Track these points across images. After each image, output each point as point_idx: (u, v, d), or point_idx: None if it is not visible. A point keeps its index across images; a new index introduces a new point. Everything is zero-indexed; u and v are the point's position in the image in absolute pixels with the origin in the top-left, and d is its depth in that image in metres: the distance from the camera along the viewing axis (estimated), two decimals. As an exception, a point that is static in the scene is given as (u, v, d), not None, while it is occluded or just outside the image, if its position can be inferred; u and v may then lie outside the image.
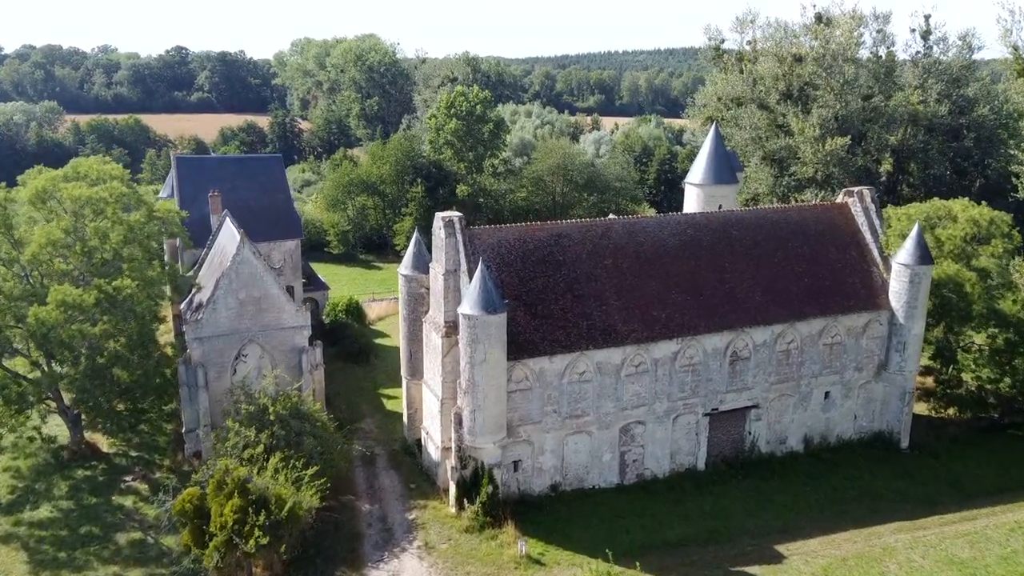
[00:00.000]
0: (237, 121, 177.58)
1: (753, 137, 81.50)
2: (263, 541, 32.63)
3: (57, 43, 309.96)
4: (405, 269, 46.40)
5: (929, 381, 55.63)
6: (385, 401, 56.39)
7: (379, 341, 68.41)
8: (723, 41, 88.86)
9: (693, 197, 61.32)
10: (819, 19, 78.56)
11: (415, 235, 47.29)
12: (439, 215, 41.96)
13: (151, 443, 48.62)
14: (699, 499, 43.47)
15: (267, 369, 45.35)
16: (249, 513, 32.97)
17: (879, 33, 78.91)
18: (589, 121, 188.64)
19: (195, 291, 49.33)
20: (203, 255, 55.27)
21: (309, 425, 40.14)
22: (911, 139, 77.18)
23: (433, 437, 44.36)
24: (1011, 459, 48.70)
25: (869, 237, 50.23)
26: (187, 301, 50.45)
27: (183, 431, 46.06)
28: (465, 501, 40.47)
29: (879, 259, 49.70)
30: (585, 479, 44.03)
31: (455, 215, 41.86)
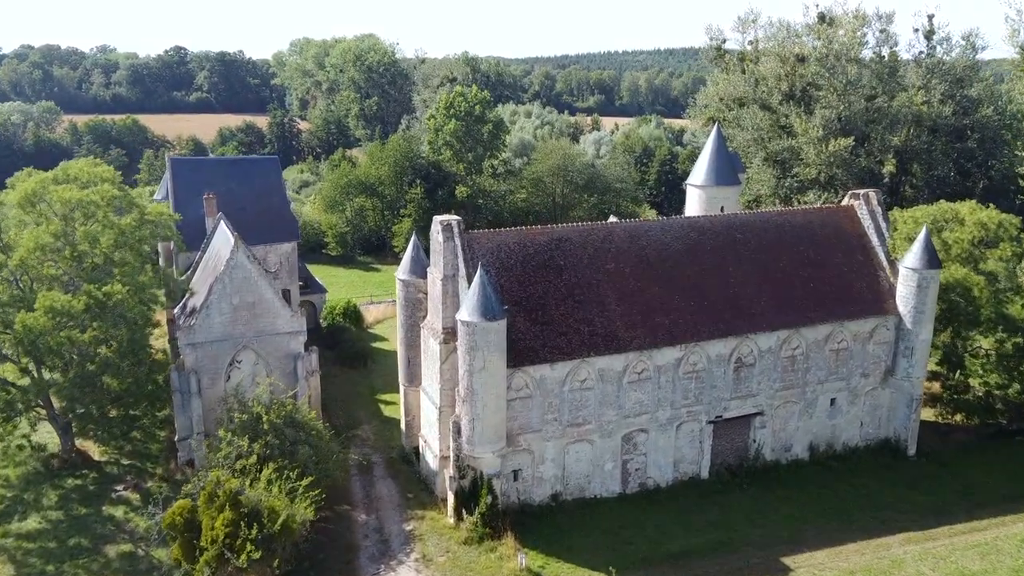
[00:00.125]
0: (236, 121, 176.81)
1: (755, 138, 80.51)
2: (255, 556, 31.80)
3: (55, 43, 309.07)
4: (403, 274, 45.44)
5: (936, 386, 54.76)
6: (382, 407, 55.46)
7: (377, 345, 67.50)
8: (724, 41, 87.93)
9: (695, 199, 60.36)
10: (822, 19, 77.60)
11: (413, 239, 46.31)
12: (437, 219, 41.01)
13: (143, 451, 47.79)
14: (703, 509, 42.57)
15: (262, 376, 44.58)
16: (241, 526, 32.11)
17: (882, 33, 78.01)
18: (589, 121, 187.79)
19: (189, 296, 48.39)
20: (197, 258, 54.29)
21: (304, 434, 39.32)
22: (914, 140, 76.37)
23: (431, 445, 43.42)
24: (1020, 467, 47.79)
25: (876, 240, 49.31)
26: (181, 306, 49.51)
27: (176, 439, 45.12)
28: (464, 512, 39.54)
29: (886, 263, 48.78)
30: (587, 488, 43.11)
31: (453, 219, 40.89)
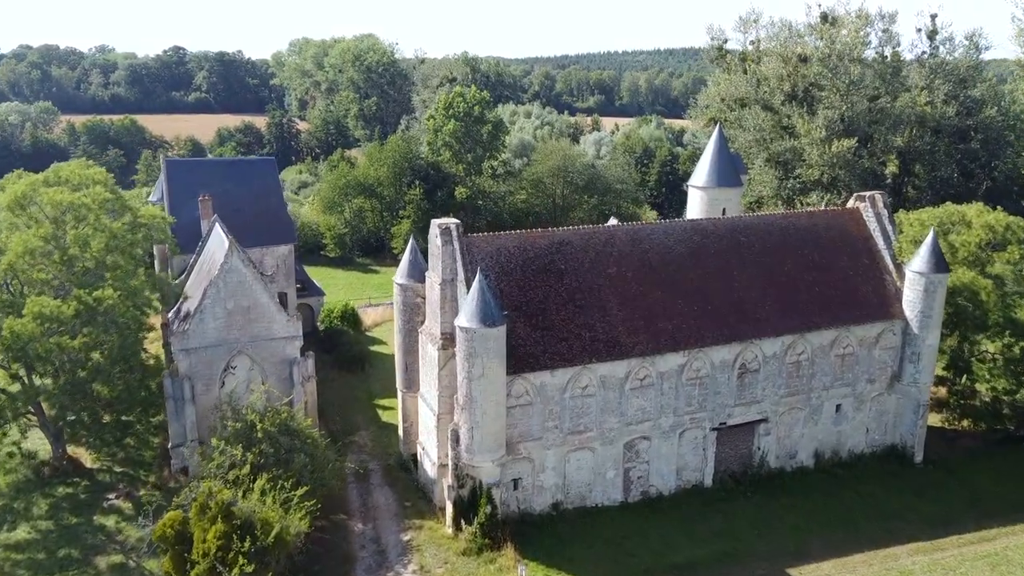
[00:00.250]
0: (234, 122, 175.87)
1: (757, 139, 79.68)
2: (248, 569, 30.96)
3: (54, 43, 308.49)
4: (400, 278, 44.58)
5: (942, 391, 53.91)
6: (380, 412, 54.60)
7: (375, 348, 66.61)
8: (726, 41, 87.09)
9: (696, 200, 59.49)
10: (824, 19, 76.81)
11: (411, 242, 45.43)
12: (435, 222, 40.16)
13: (137, 458, 46.89)
14: (707, 518, 41.73)
15: (257, 381, 43.74)
16: (234, 539, 31.28)
17: (885, 33, 77.30)
18: (589, 122, 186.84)
19: (183, 300, 47.54)
20: (192, 261, 53.41)
21: (299, 442, 38.45)
22: (917, 141, 75.57)
23: (429, 453, 42.57)
24: (1028, 474, 47.04)
25: (882, 243, 48.50)
26: (175, 310, 48.68)
27: (169, 446, 44.27)
28: (463, 522, 38.69)
29: (892, 266, 47.97)
30: (588, 497, 42.27)
31: (452, 222, 40.04)
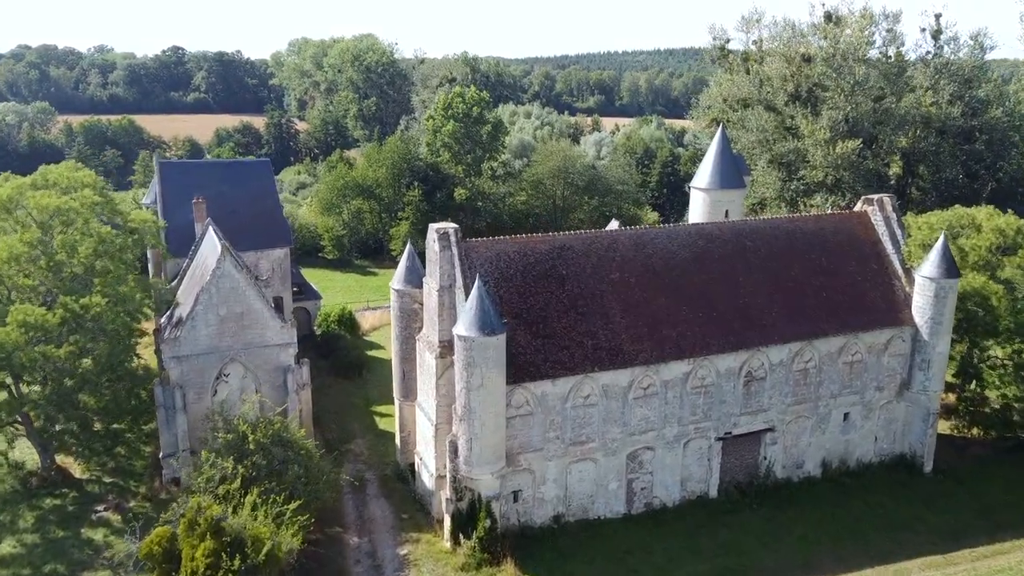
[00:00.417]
0: (233, 122, 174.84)
1: (760, 140, 78.64)
2: (238, 588, 29.81)
3: (52, 43, 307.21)
4: (397, 283, 43.44)
5: (951, 398, 52.78)
6: (377, 420, 53.45)
7: (373, 353, 65.47)
8: (728, 41, 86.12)
9: (699, 202, 58.38)
10: (828, 18, 75.75)
11: (408, 247, 44.29)
12: (433, 226, 39.02)
13: (127, 468, 45.77)
14: (712, 531, 40.61)
15: (250, 389, 42.69)
16: (223, 557, 30.15)
17: (888, 33, 76.31)
18: (589, 122, 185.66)
19: (175, 306, 46.42)
20: (185, 266, 52.31)
21: (293, 453, 37.30)
22: (922, 142, 74.51)
23: (427, 464, 41.45)
24: (1040, 484, 45.95)
25: (890, 248, 47.39)
26: (167, 316, 47.56)
27: (161, 456, 43.15)
28: (461, 536, 37.55)
29: (901, 271, 46.86)
30: (590, 509, 41.15)
31: (450, 226, 38.91)
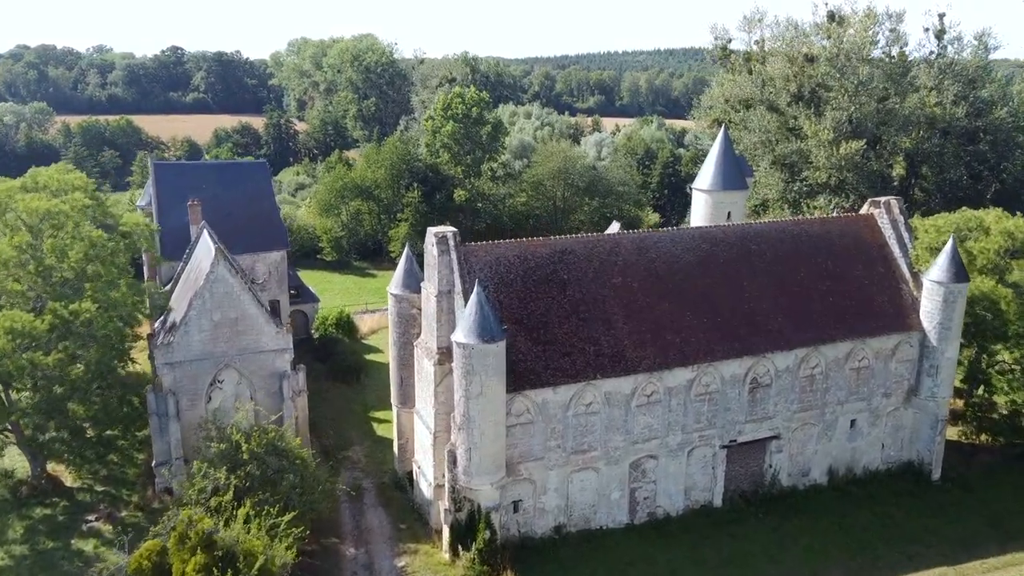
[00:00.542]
0: (232, 122, 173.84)
1: (762, 140, 77.72)
2: (229, 604, 28.93)
3: (51, 43, 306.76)
4: (395, 288, 42.55)
5: (958, 403, 51.92)
6: (375, 426, 52.55)
7: (371, 357, 64.56)
8: (730, 41, 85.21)
9: (701, 203, 57.52)
10: (831, 17, 74.86)
11: (406, 250, 43.40)
12: (431, 230, 38.15)
13: (120, 476, 44.88)
14: (716, 541, 39.71)
15: (245, 396, 41.81)
16: (214, 572, 29.24)
17: (892, 32, 75.45)
18: (590, 122, 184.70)
19: (168, 311, 45.55)
20: (179, 269, 51.37)
21: (288, 462, 36.40)
22: (926, 142, 73.64)
23: (425, 473, 40.57)
24: (1050, 492, 45.08)
25: (897, 251, 46.52)
26: (160, 321, 46.69)
27: (153, 464, 42.25)
28: (460, 547, 36.67)
29: (908, 275, 45.99)
30: (592, 519, 40.26)
31: (449, 230, 38.04)
